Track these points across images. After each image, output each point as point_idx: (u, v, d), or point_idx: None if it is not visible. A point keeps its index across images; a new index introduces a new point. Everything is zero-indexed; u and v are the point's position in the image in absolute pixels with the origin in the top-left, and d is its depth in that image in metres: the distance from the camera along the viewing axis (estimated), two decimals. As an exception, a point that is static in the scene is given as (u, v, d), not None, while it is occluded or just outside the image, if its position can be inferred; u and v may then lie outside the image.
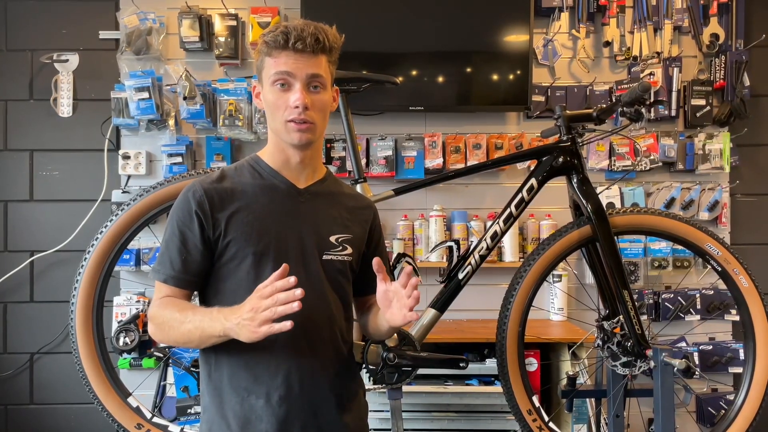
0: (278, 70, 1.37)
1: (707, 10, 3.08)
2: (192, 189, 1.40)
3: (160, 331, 1.38)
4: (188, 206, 1.39)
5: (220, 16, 3.02)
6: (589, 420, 2.55)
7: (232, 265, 1.39)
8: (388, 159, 3.04)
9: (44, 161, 3.13)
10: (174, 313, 1.34)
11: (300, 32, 1.35)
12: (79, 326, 1.93)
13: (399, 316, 1.34)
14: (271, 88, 1.39)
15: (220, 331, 1.27)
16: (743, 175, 3.14)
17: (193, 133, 3.10)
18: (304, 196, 1.46)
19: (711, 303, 3.03)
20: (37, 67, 3.12)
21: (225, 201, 1.40)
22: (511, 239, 2.99)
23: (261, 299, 1.21)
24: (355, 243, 1.51)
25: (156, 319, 1.38)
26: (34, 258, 3.09)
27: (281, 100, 1.38)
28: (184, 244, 1.38)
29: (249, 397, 1.38)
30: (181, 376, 2.65)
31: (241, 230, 1.38)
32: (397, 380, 1.89)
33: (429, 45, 3.01)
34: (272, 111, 1.41)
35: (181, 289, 1.40)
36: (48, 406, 3.11)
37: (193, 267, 1.39)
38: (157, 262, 1.42)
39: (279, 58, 1.37)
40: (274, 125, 1.42)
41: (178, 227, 1.39)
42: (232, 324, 1.24)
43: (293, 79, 1.37)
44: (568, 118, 2.02)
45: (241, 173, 1.46)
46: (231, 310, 1.27)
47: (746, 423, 2.01)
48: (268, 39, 1.38)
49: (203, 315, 1.31)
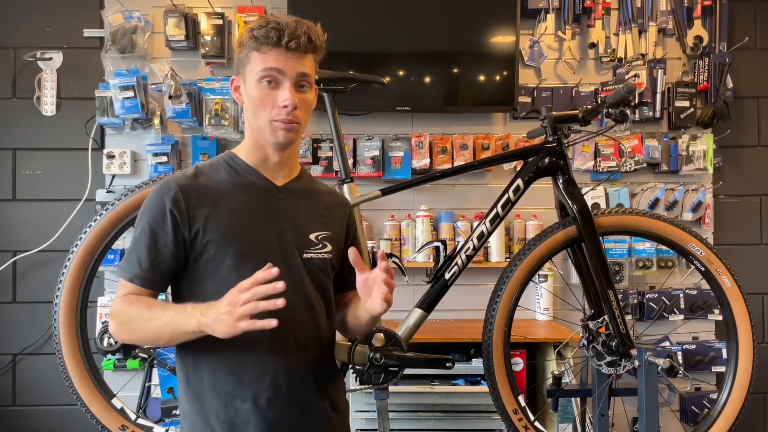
0: (268, 67, 1.33)
1: (691, 12, 3.11)
2: (166, 186, 1.35)
3: (125, 329, 1.32)
4: (161, 204, 1.33)
5: (206, 15, 3.00)
6: (574, 419, 2.56)
7: (212, 265, 1.34)
8: (375, 159, 3.04)
9: (27, 160, 3.09)
10: (141, 310, 1.29)
11: (294, 31, 1.32)
12: (63, 327, 1.91)
13: (378, 303, 1.33)
14: (257, 85, 1.35)
15: (195, 326, 1.22)
16: (726, 176, 3.17)
17: (178, 133, 3.08)
18: (282, 194, 1.43)
19: (694, 303, 3.06)
20: (20, 65, 3.09)
21: (201, 199, 1.35)
22: (497, 239, 3.00)
23: (240, 292, 1.18)
24: (335, 240, 1.49)
25: (120, 317, 1.32)
26: (17, 258, 3.05)
27: (268, 98, 1.34)
28: (154, 242, 1.33)
29: (234, 402, 1.34)
30: (166, 377, 2.63)
31: (221, 230, 1.34)
32: (383, 380, 1.89)
33: (416, 45, 3.01)
34: (256, 108, 1.36)
35: (147, 289, 1.34)
36: (31, 408, 3.07)
37: (162, 267, 1.34)
38: (124, 260, 1.36)
39: (269, 55, 1.33)
40: (257, 123, 1.38)
41: (149, 225, 1.33)
42: (208, 319, 1.20)
43: (283, 78, 1.34)
44: (554, 119, 2.03)
45: (217, 170, 1.42)
46: (207, 306, 1.23)
47: (729, 421, 2.03)
48: (259, 33, 1.32)
49: (176, 311, 1.26)
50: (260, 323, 1.16)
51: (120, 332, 1.34)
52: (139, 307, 1.30)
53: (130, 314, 1.30)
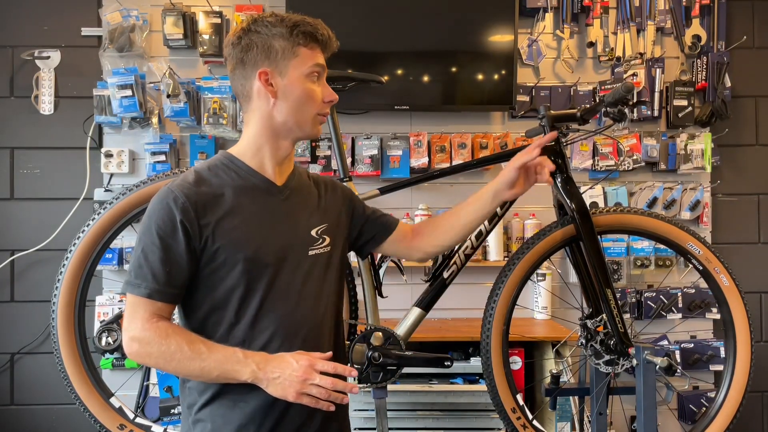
0: (318, 63, 1.40)
1: (689, 11, 3.11)
2: (172, 195, 1.30)
3: (153, 360, 1.27)
4: (171, 215, 1.29)
5: (204, 14, 3.00)
6: (572, 418, 2.57)
7: (222, 272, 1.32)
8: (373, 158, 3.04)
9: (25, 159, 3.09)
10: (182, 345, 1.25)
11: (330, 33, 1.42)
12: (61, 326, 1.90)
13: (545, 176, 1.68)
14: (306, 80, 1.39)
15: (248, 377, 1.25)
16: (724, 175, 3.18)
17: (176, 132, 3.08)
18: (283, 193, 1.43)
19: (692, 301, 3.07)
20: (18, 64, 3.08)
21: (208, 207, 1.32)
22: (495, 238, 3.00)
23: (314, 370, 1.25)
24: (333, 229, 1.50)
25: (150, 345, 1.26)
26: (15, 257, 3.05)
27: (316, 93, 1.40)
28: (167, 255, 1.28)
29: (245, 397, 1.33)
30: (164, 376, 2.64)
31: (230, 236, 1.32)
32: (382, 379, 1.89)
33: (414, 44, 3.01)
34: (302, 103, 1.39)
35: (166, 304, 1.30)
36: (29, 407, 3.07)
37: (179, 279, 1.30)
38: (134, 275, 1.30)
39: (315, 51, 1.40)
40: (300, 116, 1.39)
41: (159, 237, 1.28)
42: (265, 375, 1.25)
43: (323, 75, 1.43)
44: (553, 118, 2.03)
45: (217, 173, 1.39)
46: (264, 359, 1.26)
47: (727, 420, 2.03)
48: (307, 30, 1.37)
49: (225, 355, 1.25)
50: (323, 405, 1.26)
51: (144, 360, 1.29)
52: (178, 342, 1.25)
53: (167, 348, 1.25)
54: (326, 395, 1.25)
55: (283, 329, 1.35)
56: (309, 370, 1.24)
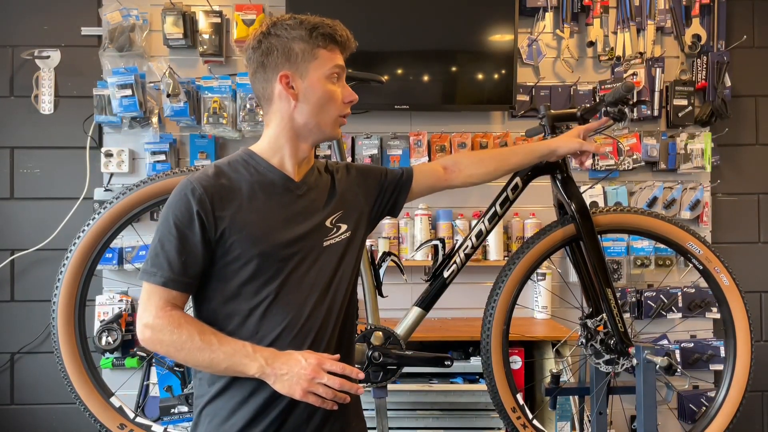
0: (338, 64, 1.42)
1: (689, 11, 3.11)
2: (190, 186, 1.32)
3: (164, 348, 1.29)
4: (188, 205, 1.31)
5: (204, 13, 2.99)
6: (572, 417, 2.57)
7: (236, 265, 1.34)
8: (373, 157, 3.04)
9: (25, 159, 3.09)
10: (193, 335, 1.27)
11: (348, 33, 1.45)
12: (61, 326, 1.91)
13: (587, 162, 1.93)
14: (327, 81, 1.40)
15: (256, 372, 1.26)
16: (724, 175, 3.18)
17: (176, 131, 3.08)
18: (301, 189, 1.44)
19: (692, 301, 3.07)
20: (18, 64, 3.08)
21: (224, 199, 1.34)
22: (495, 238, 3.00)
23: (323, 369, 1.25)
24: (349, 214, 1.50)
25: (162, 333, 1.28)
26: (15, 257, 3.05)
27: (336, 94, 1.42)
28: (183, 244, 1.30)
29: (257, 392, 1.34)
30: (165, 375, 2.63)
31: (245, 230, 1.33)
32: (382, 379, 1.89)
33: (414, 44, 3.01)
34: (325, 104, 1.41)
35: (181, 293, 1.32)
36: (29, 407, 3.07)
37: (194, 269, 1.32)
38: (150, 264, 1.32)
39: (335, 53, 1.42)
40: (322, 118, 1.41)
41: (176, 227, 1.31)
42: (272, 371, 1.26)
43: (342, 75, 1.44)
44: (553, 117, 2.03)
45: (236, 169, 1.40)
46: (273, 355, 1.27)
47: (726, 420, 2.03)
48: (326, 32, 1.39)
49: (234, 348, 1.27)
50: (329, 405, 1.27)
51: (156, 347, 1.31)
52: (190, 332, 1.27)
53: (178, 337, 1.27)
54: (332, 395, 1.26)
55: (295, 323, 1.35)
56: (317, 369, 1.25)
